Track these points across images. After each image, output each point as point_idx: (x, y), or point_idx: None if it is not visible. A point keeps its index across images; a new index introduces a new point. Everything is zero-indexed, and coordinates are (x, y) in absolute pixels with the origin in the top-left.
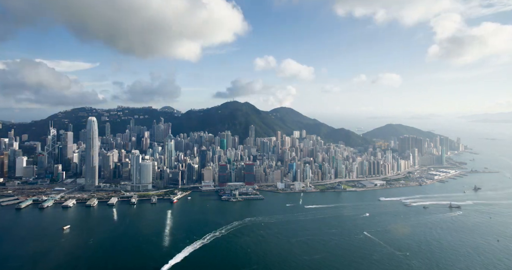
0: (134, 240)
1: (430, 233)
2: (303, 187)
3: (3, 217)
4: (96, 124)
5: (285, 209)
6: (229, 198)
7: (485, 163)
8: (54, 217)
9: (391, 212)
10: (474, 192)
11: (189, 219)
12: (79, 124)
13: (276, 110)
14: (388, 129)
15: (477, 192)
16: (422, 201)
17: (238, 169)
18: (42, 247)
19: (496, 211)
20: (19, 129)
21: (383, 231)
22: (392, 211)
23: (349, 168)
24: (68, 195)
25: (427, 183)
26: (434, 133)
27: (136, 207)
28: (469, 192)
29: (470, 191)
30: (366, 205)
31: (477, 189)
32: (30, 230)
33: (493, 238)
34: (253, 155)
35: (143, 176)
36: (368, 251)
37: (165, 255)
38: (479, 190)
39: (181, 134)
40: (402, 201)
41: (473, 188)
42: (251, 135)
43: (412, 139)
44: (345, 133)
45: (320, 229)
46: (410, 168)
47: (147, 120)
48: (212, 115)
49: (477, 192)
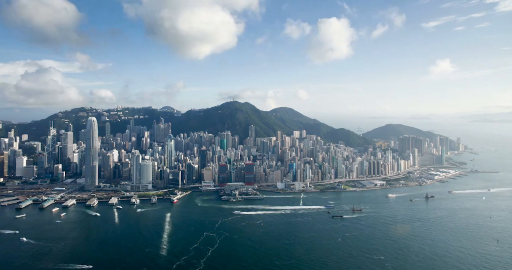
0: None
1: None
2: (303, 187)
3: (3, 217)
4: (96, 124)
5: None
6: (229, 198)
7: (485, 163)
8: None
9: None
10: (425, 201)
11: (189, 219)
12: (79, 124)
13: (276, 110)
14: (388, 129)
15: (427, 201)
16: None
17: (238, 169)
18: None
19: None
20: (19, 129)
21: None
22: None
23: (349, 168)
24: (68, 195)
25: (427, 183)
26: (434, 133)
27: (136, 207)
28: (417, 201)
29: (419, 199)
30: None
31: (428, 197)
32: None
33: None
34: (253, 155)
35: (143, 176)
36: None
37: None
38: (431, 199)
39: (181, 134)
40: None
41: (425, 196)
42: (251, 135)
43: (412, 139)
44: (345, 133)
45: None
46: (410, 168)
47: (147, 120)
48: (212, 115)
49: (428, 201)
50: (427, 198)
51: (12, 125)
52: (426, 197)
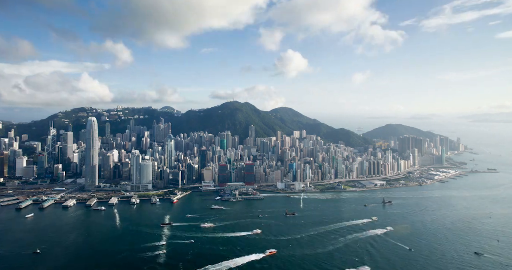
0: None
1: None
2: (303, 187)
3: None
4: (96, 124)
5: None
6: (229, 198)
7: (485, 163)
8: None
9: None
10: (381, 207)
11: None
12: (79, 124)
13: (276, 110)
14: (388, 129)
15: (384, 207)
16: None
17: (238, 169)
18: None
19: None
20: (19, 129)
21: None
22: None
23: (349, 168)
24: (68, 195)
25: (427, 183)
26: (434, 133)
27: (136, 207)
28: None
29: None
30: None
31: (385, 202)
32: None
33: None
34: (253, 155)
35: (143, 176)
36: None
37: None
38: (388, 205)
39: (181, 134)
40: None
41: (382, 201)
42: (251, 135)
43: (412, 139)
44: (345, 133)
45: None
46: (410, 168)
47: (147, 120)
48: (212, 115)
49: (384, 207)
50: (384, 204)
51: (12, 125)
52: (383, 202)
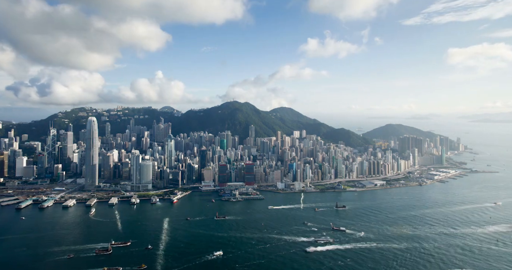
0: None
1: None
2: (303, 187)
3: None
4: (96, 124)
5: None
6: (229, 198)
7: (485, 163)
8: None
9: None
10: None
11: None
12: (79, 124)
13: (276, 110)
14: (388, 129)
15: (338, 211)
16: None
17: (238, 169)
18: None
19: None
20: (19, 129)
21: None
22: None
23: (349, 168)
24: (68, 195)
25: (427, 183)
26: (434, 133)
27: (136, 207)
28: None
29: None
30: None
31: (339, 207)
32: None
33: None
34: (253, 155)
35: (143, 176)
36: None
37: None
38: (342, 209)
39: (181, 134)
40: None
41: (335, 205)
42: (251, 135)
43: (412, 139)
44: (345, 133)
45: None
46: (410, 168)
47: (147, 120)
48: (212, 115)
49: (337, 211)
50: (338, 208)
51: (12, 125)
52: (337, 207)
